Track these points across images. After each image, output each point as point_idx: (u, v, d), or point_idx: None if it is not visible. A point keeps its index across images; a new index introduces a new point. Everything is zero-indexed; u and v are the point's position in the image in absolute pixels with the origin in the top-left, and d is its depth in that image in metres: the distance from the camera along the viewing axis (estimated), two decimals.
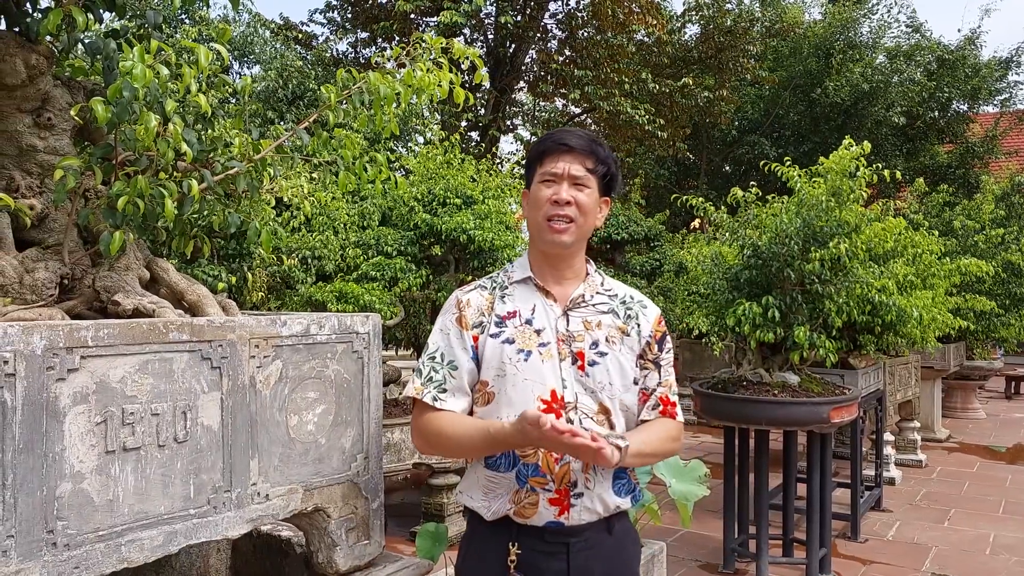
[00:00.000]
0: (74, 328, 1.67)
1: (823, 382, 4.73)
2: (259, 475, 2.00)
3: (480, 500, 1.88)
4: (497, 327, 1.87)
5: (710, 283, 4.86)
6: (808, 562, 4.55)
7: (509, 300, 1.91)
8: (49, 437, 1.63)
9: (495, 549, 1.86)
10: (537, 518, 1.82)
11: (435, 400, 1.84)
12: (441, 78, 2.43)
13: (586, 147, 1.89)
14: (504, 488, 1.85)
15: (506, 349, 1.84)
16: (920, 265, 5.65)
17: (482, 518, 1.88)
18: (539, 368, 1.83)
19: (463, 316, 1.89)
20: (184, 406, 1.85)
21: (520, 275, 1.95)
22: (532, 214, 1.91)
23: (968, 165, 14.10)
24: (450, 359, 1.87)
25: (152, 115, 1.71)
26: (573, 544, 1.84)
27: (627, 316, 1.95)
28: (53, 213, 2.00)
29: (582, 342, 1.87)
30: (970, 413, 10.46)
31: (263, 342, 2.01)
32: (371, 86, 2.28)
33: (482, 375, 1.86)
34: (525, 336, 1.86)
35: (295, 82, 6.62)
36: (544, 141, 1.93)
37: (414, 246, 5.59)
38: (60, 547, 1.65)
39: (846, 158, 4.44)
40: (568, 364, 1.85)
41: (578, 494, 1.83)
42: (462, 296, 1.93)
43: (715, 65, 12.51)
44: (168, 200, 1.83)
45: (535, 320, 1.88)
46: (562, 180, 1.86)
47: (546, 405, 1.81)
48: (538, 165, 1.90)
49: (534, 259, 1.96)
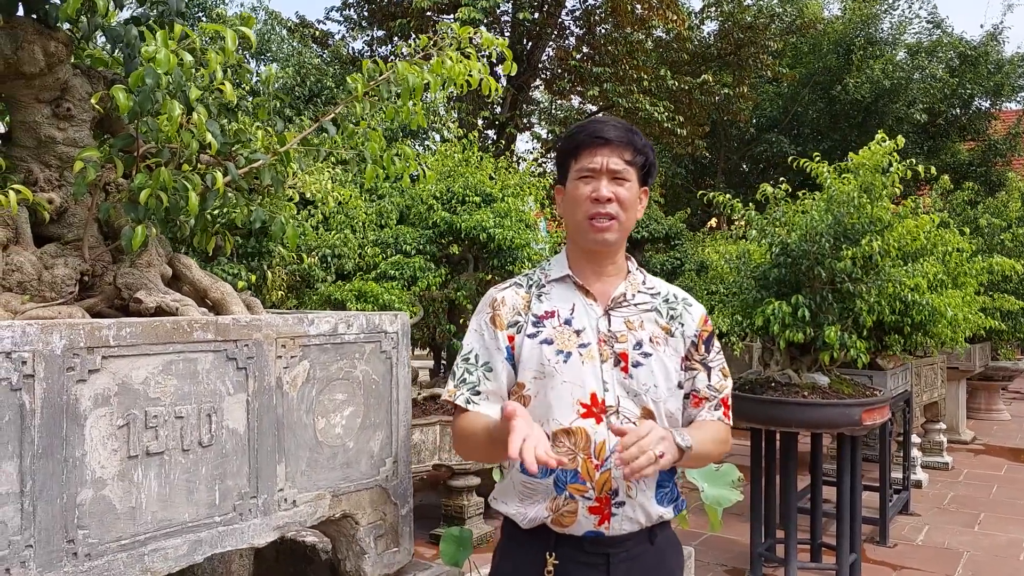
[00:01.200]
0: (95, 327, 1.59)
1: (853, 383, 4.61)
2: (286, 480, 1.92)
3: (515, 507, 1.80)
4: (534, 327, 1.79)
5: (737, 282, 4.75)
6: (838, 568, 4.43)
7: (547, 299, 1.83)
8: (69, 441, 1.56)
9: (531, 558, 1.77)
10: (576, 527, 1.73)
11: (468, 403, 1.76)
12: (471, 67, 2.34)
13: (623, 138, 1.79)
14: (541, 495, 1.76)
15: (544, 350, 1.75)
16: (951, 264, 5.51)
17: (517, 525, 1.80)
18: (579, 370, 1.74)
19: (497, 315, 1.81)
20: (209, 408, 1.77)
21: (558, 273, 1.86)
22: (571, 213, 1.81)
23: (990, 163, 13.88)
24: (485, 360, 1.79)
25: (176, 103, 1.63)
26: (613, 555, 1.75)
27: (671, 316, 1.86)
28: (72, 207, 1.93)
29: (625, 343, 1.78)
30: (994, 414, 10.28)
31: (290, 341, 1.92)
32: (399, 76, 2.20)
33: (519, 377, 1.77)
34: (564, 337, 1.77)
35: (312, 79, 6.55)
36: (578, 134, 1.82)
37: (433, 245, 5.50)
38: (81, 557, 1.57)
39: (879, 153, 4.32)
40: (610, 366, 1.76)
41: (619, 503, 1.73)
42: (496, 295, 1.85)
43: (734, 62, 12.37)
44: (192, 193, 1.75)
45: (575, 320, 1.79)
46: (601, 175, 1.76)
47: (585, 409, 1.72)
48: (573, 160, 1.80)
49: (573, 256, 1.87)
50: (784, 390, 4.41)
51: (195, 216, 1.98)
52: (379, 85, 2.26)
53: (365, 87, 2.25)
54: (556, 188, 1.89)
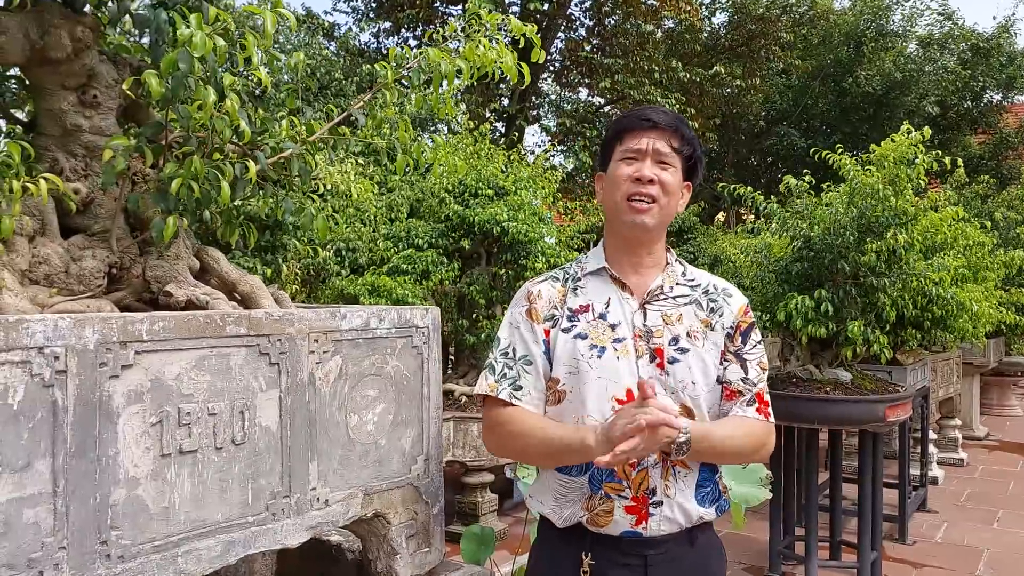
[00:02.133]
0: (128, 321, 1.54)
1: (875, 379, 4.55)
2: (318, 479, 1.86)
3: (551, 505, 1.75)
4: (569, 321, 1.73)
5: (758, 276, 4.68)
6: (859, 565, 4.38)
7: (582, 293, 1.77)
8: (102, 440, 1.50)
9: (567, 559, 1.72)
10: (612, 527, 1.67)
11: (512, 398, 1.70)
12: (501, 54, 2.28)
13: (672, 124, 1.74)
14: (576, 493, 1.71)
15: (578, 345, 1.70)
16: (972, 257, 5.45)
17: (553, 525, 1.74)
18: (614, 366, 1.68)
19: (533, 309, 1.75)
20: (242, 405, 1.72)
21: (594, 265, 1.80)
22: (610, 194, 1.75)
23: (1001, 156, 13.79)
24: (523, 354, 1.73)
25: (211, 89, 1.57)
26: (651, 557, 1.69)
27: (711, 308, 1.79)
28: (99, 198, 1.87)
29: (661, 338, 1.72)
30: (1007, 410, 10.21)
31: (322, 336, 1.87)
32: (431, 62, 2.14)
33: (553, 372, 1.72)
34: (599, 331, 1.71)
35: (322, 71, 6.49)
36: (625, 118, 1.78)
37: (445, 238, 5.44)
38: (114, 559, 1.52)
39: (903, 144, 4.25)
40: (646, 362, 1.70)
41: (657, 502, 1.67)
42: (532, 288, 1.80)
43: (745, 54, 12.28)
44: (224, 183, 1.69)
45: (609, 314, 1.73)
46: (645, 157, 1.71)
47: (621, 405, 1.66)
48: (617, 143, 1.75)
49: (611, 247, 1.81)
50: (806, 386, 4.35)
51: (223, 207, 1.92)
52: (409, 72, 2.19)
53: (396, 74, 2.19)
54: (597, 176, 1.84)
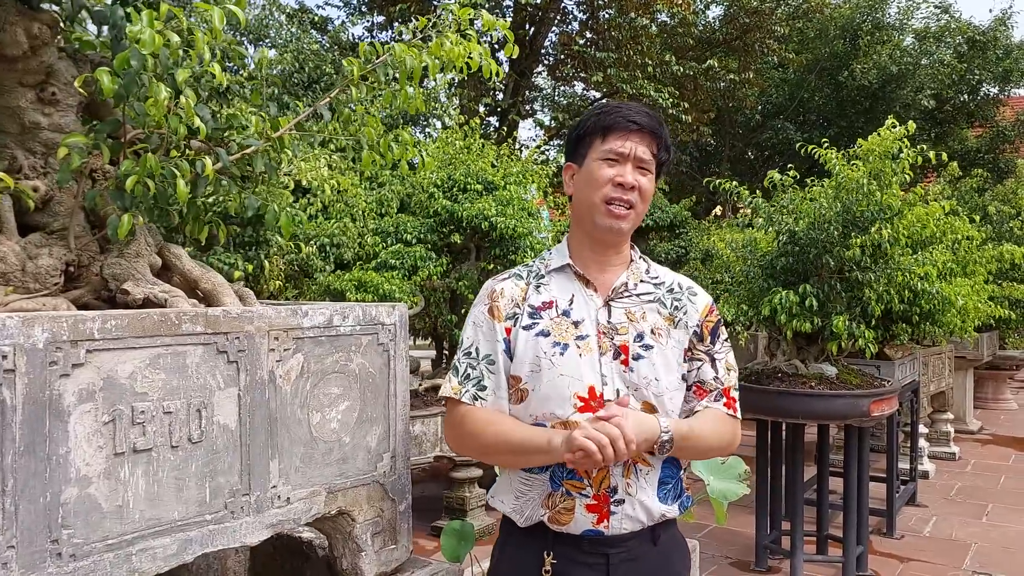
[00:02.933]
0: (79, 319, 1.53)
1: (861, 374, 4.54)
2: (279, 477, 1.86)
3: (512, 504, 1.74)
4: (530, 318, 1.72)
5: (744, 270, 4.67)
6: (845, 560, 4.38)
7: (545, 289, 1.76)
8: (52, 438, 1.49)
9: (529, 558, 1.71)
10: (574, 525, 1.67)
11: (475, 400, 1.69)
12: (470, 49, 2.26)
13: (655, 128, 1.73)
14: (537, 491, 1.70)
15: (540, 342, 1.69)
16: (960, 252, 5.43)
17: (515, 524, 1.74)
18: (576, 363, 1.67)
19: (495, 307, 1.74)
20: (199, 403, 1.71)
21: (558, 262, 1.79)
22: (587, 194, 1.73)
23: (998, 149, 13.75)
24: (486, 353, 1.72)
25: (162, 86, 1.56)
26: (613, 556, 1.68)
27: (675, 306, 1.78)
28: (58, 195, 1.86)
29: (625, 335, 1.71)
30: (1002, 404, 10.20)
31: (283, 334, 1.86)
32: (397, 58, 2.12)
33: (515, 370, 1.71)
34: (561, 328, 1.70)
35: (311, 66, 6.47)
36: (608, 115, 1.73)
37: (434, 234, 5.43)
38: (66, 557, 1.51)
39: (888, 139, 4.23)
40: (609, 359, 1.69)
41: (618, 500, 1.67)
42: (496, 285, 1.78)
43: (740, 47, 12.23)
44: (180, 180, 1.68)
45: (573, 311, 1.72)
46: (627, 161, 1.70)
47: (583, 403, 1.65)
48: (599, 140, 1.72)
49: (576, 244, 1.80)
50: (791, 381, 4.34)
51: (185, 204, 1.91)
52: (376, 68, 2.18)
53: (362, 70, 2.18)
54: (567, 165, 1.80)
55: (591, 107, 1.83)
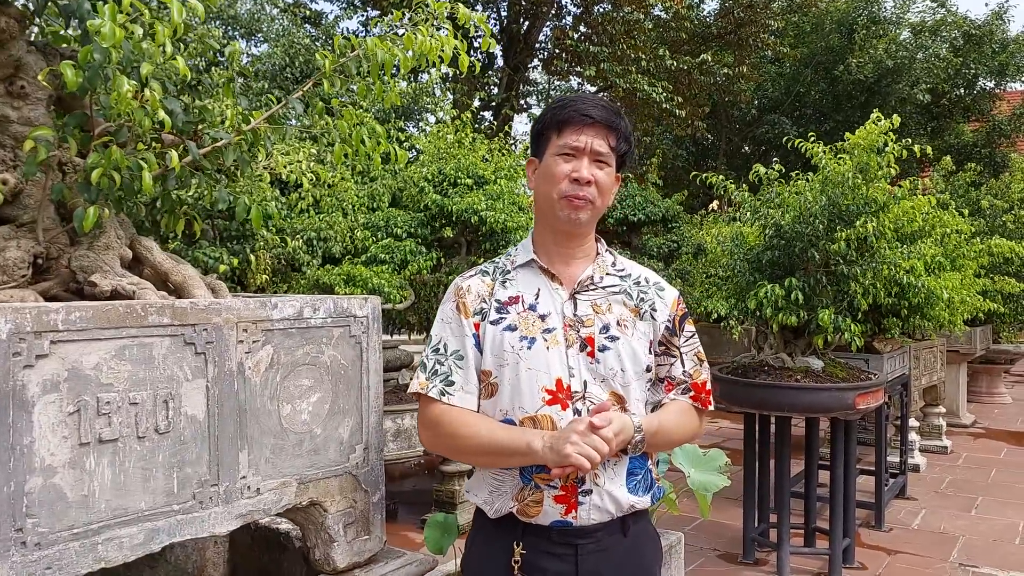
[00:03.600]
0: (42, 311, 1.54)
1: (848, 367, 4.55)
2: (249, 468, 1.87)
3: (485, 498, 1.76)
4: (497, 313, 1.74)
5: (730, 264, 4.68)
6: (831, 552, 4.40)
7: (511, 285, 1.77)
8: (16, 429, 1.51)
9: (499, 549, 1.73)
10: (542, 517, 1.68)
11: (443, 395, 1.70)
12: (444, 43, 2.27)
13: (612, 121, 1.73)
14: (508, 485, 1.71)
15: (507, 337, 1.71)
16: (949, 246, 5.44)
17: (487, 516, 1.76)
18: (543, 356, 1.69)
19: (463, 303, 1.75)
20: (166, 395, 1.72)
21: (523, 258, 1.80)
22: (545, 189, 1.74)
23: (994, 144, 13.74)
24: (454, 349, 1.73)
25: (125, 79, 1.57)
26: (582, 546, 1.69)
27: (640, 298, 1.80)
28: (28, 188, 1.87)
29: (592, 327, 1.73)
30: (996, 398, 10.21)
31: (252, 326, 1.87)
32: (368, 52, 2.13)
33: (484, 365, 1.73)
34: (528, 322, 1.72)
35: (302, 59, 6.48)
36: (563, 109, 1.74)
37: (425, 228, 5.43)
38: (30, 546, 1.52)
39: (874, 133, 4.23)
40: (576, 351, 1.71)
41: (586, 491, 1.68)
42: (462, 283, 1.80)
43: (734, 41, 12.21)
44: (146, 173, 1.69)
45: (539, 305, 1.74)
46: (583, 155, 1.70)
47: (551, 395, 1.67)
48: (555, 135, 1.73)
49: (540, 238, 1.81)
50: (777, 374, 4.36)
51: (155, 197, 1.92)
52: (348, 62, 2.18)
53: (334, 63, 2.18)
54: (530, 161, 1.82)
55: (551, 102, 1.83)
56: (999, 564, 4.56)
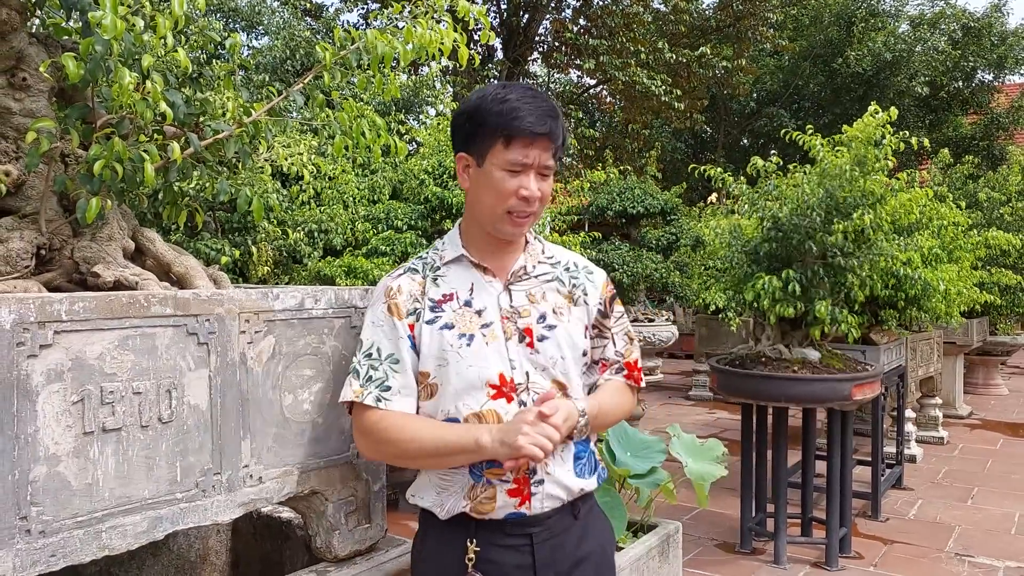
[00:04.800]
0: (46, 301, 1.56)
1: (844, 358, 4.58)
2: (251, 457, 1.89)
3: (432, 499, 1.74)
4: (432, 312, 1.70)
5: (728, 256, 4.71)
6: (828, 541, 4.44)
7: (443, 282, 1.74)
8: (21, 418, 1.52)
9: (452, 547, 1.71)
10: (496, 511, 1.67)
11: (379, 401, 1.67)
12: (444, 36, 2.28)
13: (556, 130, 1.66)
14: (458, 485, 1.70)
15: (445, 336, 1.68)
16: (945, 238, 5.46)
17: (436, 517, 1.74)
18: (483, 352, 1.67)
19: (394, 304, 1.71)
20: (169, 384, 1.74)
21: (452, 253, 1.76)
22: (489, 201, 1.67)
23: (992, 136, 13.75)
24: (389, 353, 1.69)
25: (126, 71, 1.58)
26: (536, 535, 1.69)
27: (573, 284, 1.81)
28: (30, 180, 1.88)
29: (528, 317, 1.72)
30: (992, 389, 10.26)
31: (254, 316, 1.89)
32: (368, 45, 2.14)
33: (422, 366, 1.70)
34: (465, 319, 1.69)
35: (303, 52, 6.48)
36: (513, 119, 1.61)
37: (425, 220, 5.45)
38: (35, 534, 1.54)
39: (871, 125, 4.25)
40: (515, 343, 1.69)
41: (538, 481, 1.68)
42: (391, 283, 1.75)
43: (733, 34, 12.20)
44: (148, 164, 1.70)
45: (475, 300, 1.72)
46: (530, 171, 1.65)
47: (495, 390, 1.66)
48: (501, 146, 1.63)
49: (471, 234, 1.77)
50: (774, 365, 4.38)
51: (157, 189, 1.94)
52: (349, 54, 2.20)
53: (335, 56, 2.20)
54: (461, 156, 1.71)
55: (487, 91, 1.68)
56: (995, 554, 4.60)
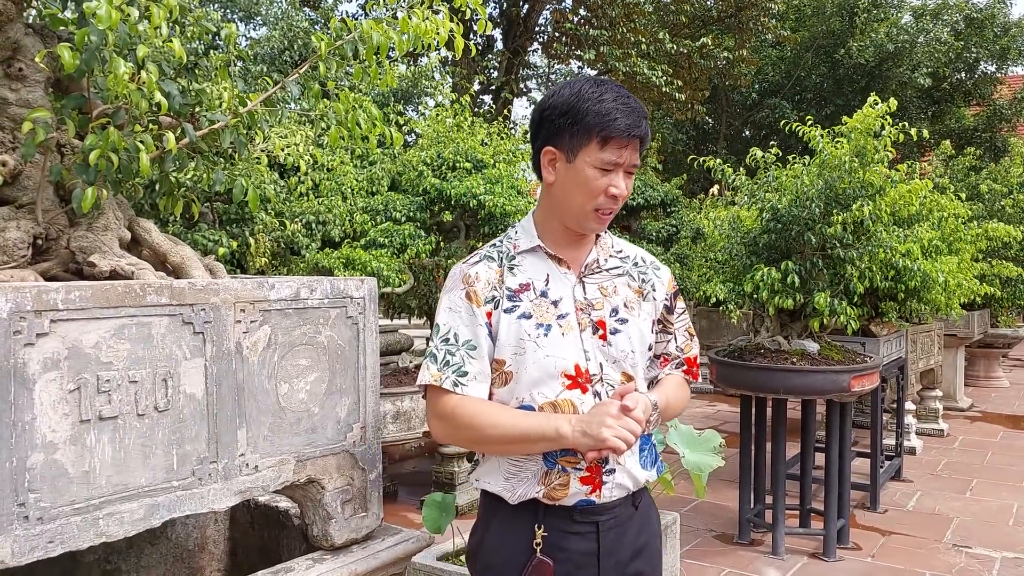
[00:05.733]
0: (42, 290, 1.57)
1: (843, 350, 4.58)
2: (247, 445, 1.90)
3: (502, 485, 1.74)
4: (510, 301, 1.72)
5: (727, 248, 4.71)
6: (826, 533, 4.45)
7: (519, 271, 1.76)
8: (18, 405, 1.54)
9: (520, 532, 1.73)
10: (568, 498, 1.71)
11: (456, 386, 1.68)
12: (440, 26, 2.28)
13: (646, 133, 1.72)
14: (530, 472, 1.71)
15: (524, 325, 1.70)
16: (946, 229, 5.45)
17: (503, 502, 1.75)
18: (560, 342, 1.70)
19: (473, 291, 1.72)
20: (164, 373, 1.75)
21: (527, 244, 1.78)
22: (577, 198, 1.70)
23: (995, 128, 13.70)
24: (466, 339, 1.71)
25: (121, 61, 1.58)
26: (603, 523, 1.74)
27: (642, 279, 1.84)
28: (27, 170, 1.89)
29: (601, 310, 1.76)
30: (993, 382, 10.26)
31: (249, 306, 1.90)
32: (364, 34, 2.14)
33: (498, 354, 1.71)
34: (542, 309, 1.72)
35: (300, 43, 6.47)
36: (612, 120, 1.64)
37: (424, 212, 5.45)
38: (32, 520, 1.56)
39: (871, 116, 4.24)
40: (589, 334, 1.73)
41: (610, 470, 1.72)
42: (468, 270, 1.76)
43: (735, 25, 12.14)
44: (143, 154, 1.71)
45: (551, 291, 1.74)
46: (620, 170, 1.69)
47: (571, 380, 1.69)
48: (597, 146, 1.66)
49: (547, 226, 1.79)
50: (773, 357, 4.39)
51: (154, 180, 1.94)
52: (344, 44, 2.20)
53: (330, 45, 2.20)
54: (549, 149, 1.72)
55: (582, 88, 1.70)
56: (992, 545, 4.61)
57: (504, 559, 1.74)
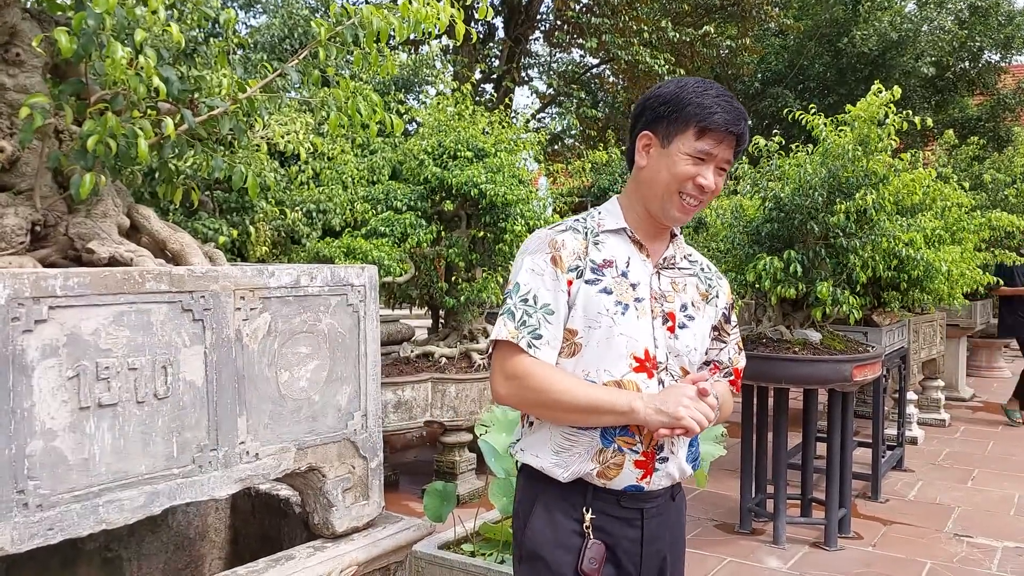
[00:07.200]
0: (40, 276, 1.56)
1: (846, 339, 4.57)
2: (248, 433, 1.90)
3: (551, 460, 1.72)
4: (594, 274, 1.72)
5: (730, 237, 4.69)
6: (827, 522, 4.45)
7: (603, 248, 1.76)
8: (17, 392, 1.53)
9: (568, 514, 1.73)
10: (618, 481, 1.70)
11: (530, 347, 1.66)
12: (440, 11, 2.26)
13: (745, 134, 1.73)
14: (583, 447, 1.70)
15: (603, 299, 1.70)
16: (949, 219, 5.43)
17: (549, 479, 1.73)
18: (634, 324, 1.71)
19: (559, 257, 1.71)
20: (164, 360, 1.74)
21: (613, 224, 1.78)
22: (665, 181, 1.70)
23: (999, 118, 13.61)
24: (544, 302, 1.69)
25: (119, 45, 1.57)
26: (647, 510, 1.75)
27: (708, 284, 1.87)
28: (25, 156, 1.88)
29: (672, 303, 1.77)
30: (995, 372, 10.25)
31: (249, 293, 1.89)
32: (364, 20, 2.12)
33: (571, 323, 1.71)
34: (622, 288, 1.72)
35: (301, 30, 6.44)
36: (714, 113, 1.66)
37: (424, 201, 5.43)
38: (32, 508, 1.55)
39: (875, 104, 4.21)
40: (660, 323, 1.74)
41: (663, 458, 1.73)
42: (556, 236, 1.74)
43: (737, 13, 12.07)
44: (142, 140, 1.69)
45: (631, 273, 1.74)
46: (711, 162, 1.69)
47: (638, 363, 1.70)
48: (693, 135, 1.67)
49: (632, 211, 1.80)
50: (775, 346, 4.38)
51: (153, 167, 1.93)
52: (344, 30, 2.18)
53: (330, 31, 2.18)
54: (644, 134, 1.73)
55: (688, 83, 1.72)
56: (993, 534, 4.61)
57: (554, 542, 1.72)
